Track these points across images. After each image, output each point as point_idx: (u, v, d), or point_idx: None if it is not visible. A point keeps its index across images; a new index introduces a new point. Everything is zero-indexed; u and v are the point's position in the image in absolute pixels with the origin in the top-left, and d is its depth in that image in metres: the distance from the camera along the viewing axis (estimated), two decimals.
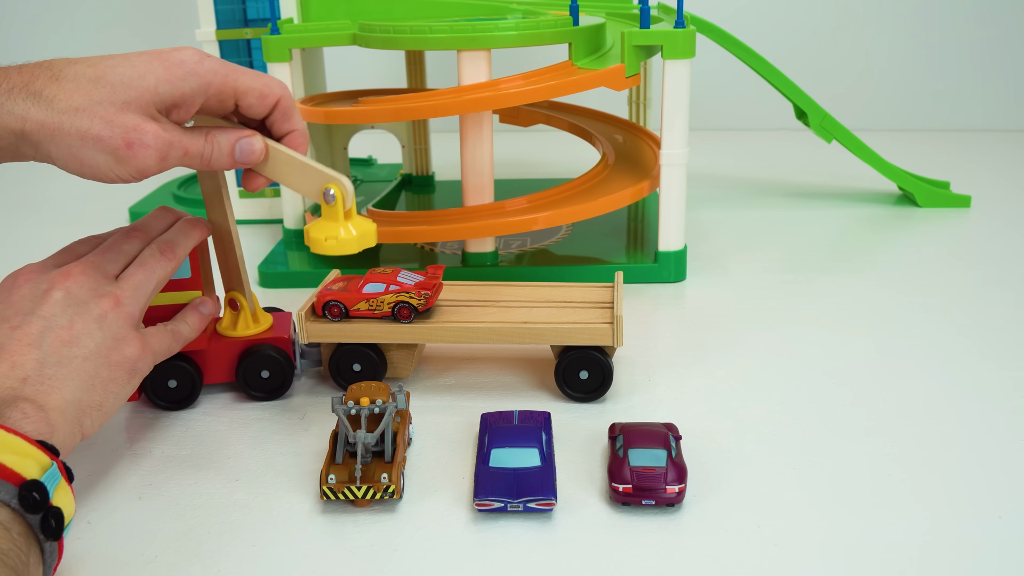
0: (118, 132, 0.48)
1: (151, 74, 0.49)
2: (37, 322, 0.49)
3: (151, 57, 0.50)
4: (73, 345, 0.49)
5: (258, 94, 0.53)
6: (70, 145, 0.47)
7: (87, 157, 0.48)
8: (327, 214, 0.54)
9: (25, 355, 0.47)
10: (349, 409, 0.52)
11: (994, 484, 0.52)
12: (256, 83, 0.53)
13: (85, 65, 0.48)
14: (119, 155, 0.48)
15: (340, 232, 0.54)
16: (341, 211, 0.54)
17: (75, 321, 0.50)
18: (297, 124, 0.56)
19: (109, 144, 0.48)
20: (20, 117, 0.47)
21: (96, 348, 0.50)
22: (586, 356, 0.62)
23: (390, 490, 0.50)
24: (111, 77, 0.48)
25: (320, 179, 0.54)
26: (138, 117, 0.49)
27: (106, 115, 0.47)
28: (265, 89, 0.53)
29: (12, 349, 0.47)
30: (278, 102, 0.54)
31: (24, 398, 0.45)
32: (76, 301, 0.51)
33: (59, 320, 0.50)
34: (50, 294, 0.51)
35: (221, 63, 0.52)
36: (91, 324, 0.50)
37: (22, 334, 0.48)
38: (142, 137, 0.48)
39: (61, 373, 0.48)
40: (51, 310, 0.50)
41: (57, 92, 0.47)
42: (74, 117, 0.47)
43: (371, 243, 0.55)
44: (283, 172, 0.55)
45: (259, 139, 0.54)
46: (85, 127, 0.47)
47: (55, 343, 0.49)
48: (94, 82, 0.48)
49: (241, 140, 0.54)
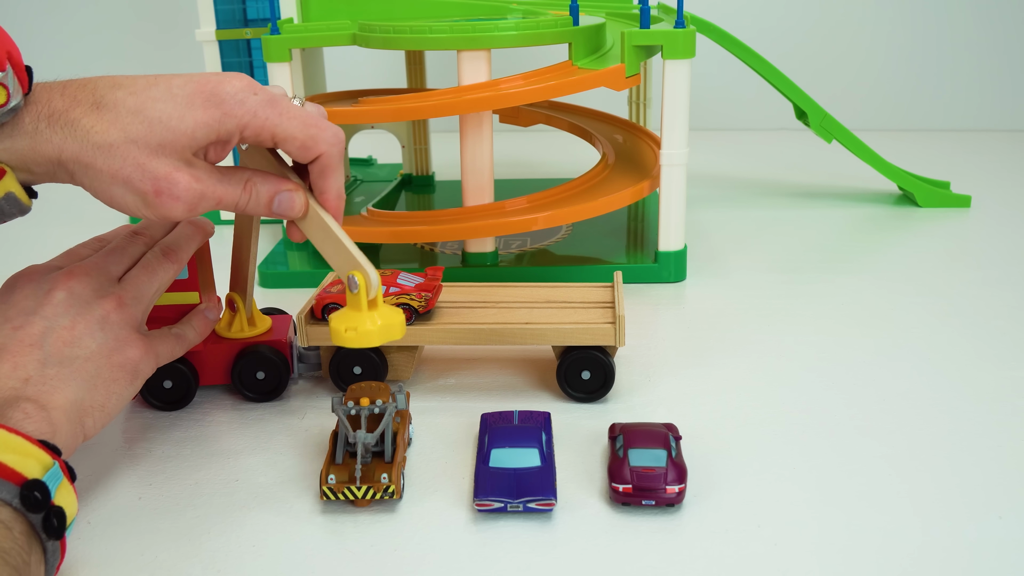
0: (148, 179, 0.46)
1: (190, 115, 0.46)
2: (39, 322, 0.49)
3: (194, 91, 0.47)
4: (75, 345, 0.49)
5: (299, 144, 0.49)
6: (101, 181, 0.46)
7: (116, 194, 0.47)
8: (351, 302, 0.51)
9: (27, 355, 0.47)
10: (349, 409, 0.52)
11: (994, 484, 0.52)
12: (299, 133, 0.49)
13: (127, 92, 0.46)
14: (147, 200, 0.47)
15: (362, 323, 0.50)
16: (364, 301, 0.51)
17: (77, 321, 0.50)
18: (333, 186, 0.52)
19: (138, 188, 0.46)
20: (57, 147, 0.45)
21: (98, 349, 0.50)
22: (588, 356, 0.62)
23: (390, 490, 0.50)
24: (151, 112, 0.46)
25: (347, 263, 0.51)
26: (171, 165, 0.46)
27: (138, 159, 0.46)
28: (309, 142, 0.49)
29: (14, 349, 0.47)
30: (319, 157, 0.50)
31: (26, 398, 0.45)
32: (78, 302, 0.51)
33: (61, 320, 0.50)
34: (52, 294, 0.50)
35: (267, 103, 0.48)
36: (93, 325, 0.50)
37: (24, 334, 0.48)
38: (172, 188, 0.46)
39: (63, 373, 0.48)
40: (53, 310, 0.50)
41: (94, 124, 0.45)
42: (107, 155, 0.46)
43: (396, 336, 0.51)
44: (316, 237, 0.52)
45: (301, 195, 0.51)
46: (116, 167, 0.46)
47: (57, 343, 0.49)
48: (133, 115, 0.46)
49: (282, 194, 0.51)
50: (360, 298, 0.50)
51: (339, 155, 0.51)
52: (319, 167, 0.51)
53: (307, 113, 0.50)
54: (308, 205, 0.52)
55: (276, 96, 0.49)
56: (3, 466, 0.39)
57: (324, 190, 0.52)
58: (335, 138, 0.50)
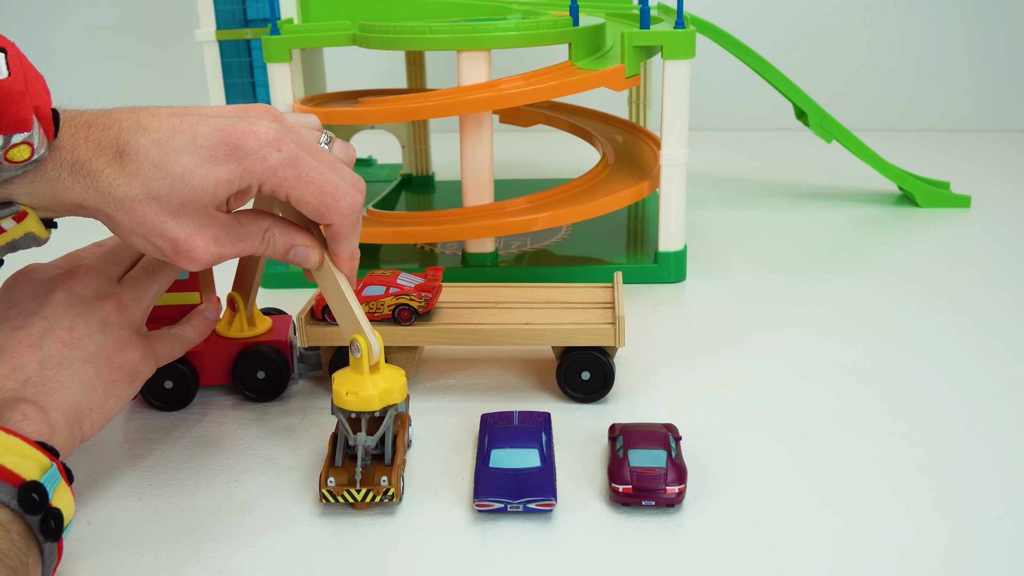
0: (168, 240, 0.46)
1: (212, 175, 0.45)
2: (39, 323, 0.49)
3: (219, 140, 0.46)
4: (74, 347, 0.49)
5: (311, 210, 0.49)
6: (121, 231, 0.46)
7: (136, 243, 0.47)
8: (353, 365, 0.52)
9: (26, 356, 0.47)
10: (349, 412, 0.52)
11: (993, 485, 0.52)
12: (314, 200, 0.48)
13: (151, 140, 0.45)
14: (164, 255, 0.47)
15: (363, 388, 0.51)
16: (366, 366, 0.51)
17: (77, 323, 0.50)
18: (344, 251, 0.51)
19: (156, 244, 0.46)
20: (79, 195, 0.45)
21: (97, 350, 0.50)
22: (588, 357, 0.62)
23: (389, 493, 0.50)
24: (173, 167, 0.45)
25: (351, 326, 0.51)
26: (191, 227, 0.46)
27: (159, 218, 0.45)
28: (322, 209, 0.48)
29: (13, 350, 0.47)
30: (332, 225, 0.50)
31: (25, 399, 0.45)
32: (79, 302, 0.51)
33: (61, 321, 0.50)
34: (53, 295, 0.51)
35: (289, 163, 0.47)
36: (93, 326, 0.50)
37: (24, 335, 0.48)
38: (191, 252, 0.46)
39: (62, 375, 0.48)
40: (53, 311, 0.50)
41: (116, 177, 0.44)
42: (128, 210, 0.45)
43: (397, 399, 0.52)
44: (327, 292, 0.52)
45: (317, 253, 0.51)
46: (135, 224, 0.45)
47: (56, 344, 0.49)
48: (155, 168, 0.45)
49: (298, 248, 0.51)
50: (362, 363, 0.51)
51: (353, 224, 0.51)
52: (331, 233, 0.51)
53: (326, 179, 0.48)
54: (324, 259, 0.52)
55: (299, 154, 0.47)
56: (1, 467, 0.39)
57: (336, 253, 0.52)
58: (349, 209, 0.49)
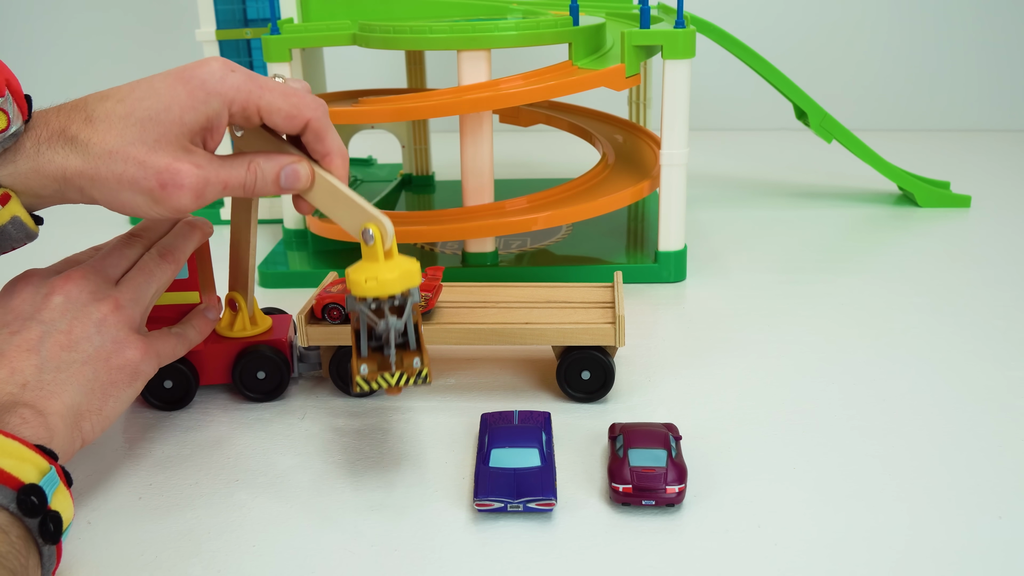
0: (151, 174, 0.47)
1: (176, 104, 0.47)
2: (36, 327, 0.49)
3: (174, 81, 0.48)
4: (72, 350, 0.49)
5: (284, 115, 0.50)
6: (108, 188, 0.48)
7: (126, 199, 0.48)
8: (367, 254, 0.51)
9: (24, 361, 0.47)
10: (370, 303, 0.51)
11: (993, 484, 0.52)
12: (283, 103, 0.50)
13: (115, 101, 0.48)
14: (155, 196, 0.48)
15: (381, 272, 0.50)
16: (380, 251, 0.51)
17: (74, 325, 0.50)
18: (332, 145, 0.53)
19: (144, 186, 0.47)
20: (60, 165, 0.47)
21: (95, 352, 0.50)
22: (588, 356, 0.62)
23: (423, 374, 0.50)
24: (139, 113, 0.47)
25: (360, 217, 0.51)
26: (170, 156, 0.47)
27: (138, 156, 0.47)
28: (292, 111, 0.50)
29: (11, 355, 0.47)
30: (308, 124, 0.51)
31: (23, 403, 0.45)
32: (75, 305, 0.51)
33: (58, 325, 0.50)
34: (50, 299, 0.50)
35: (247, 79, 0.49)
36: (90, 328, 0.50)
37: (21, 339, 0.48)
38: (176, 178, 0.47)
39: (60, 378, 0.48)
40: (50, 315, 0.50)
41: (91, 135, 0.47)
42: (109, 161, 0.47)
43: (415, 282, 0.51)
44: (325, 202, 0.53)
45: (305, 166, 0.52)
46: (120, 171, 0.47)
47: (54, 348, 0.49)
48: (124, 120, 0.47)
49: (286, 168, 0.51)
50: (376, 249, 0.50)
51: (327, 119, 0.52)
52: (312, 133, 0.52)
53: (286, 86, 0.51)
54: (314, 174, 0.52)
55: (252, 72, 0.50)
56: (0, 471, 0.39)
57: (325, 152, 0.52)
58: (316, 102, 0.51)
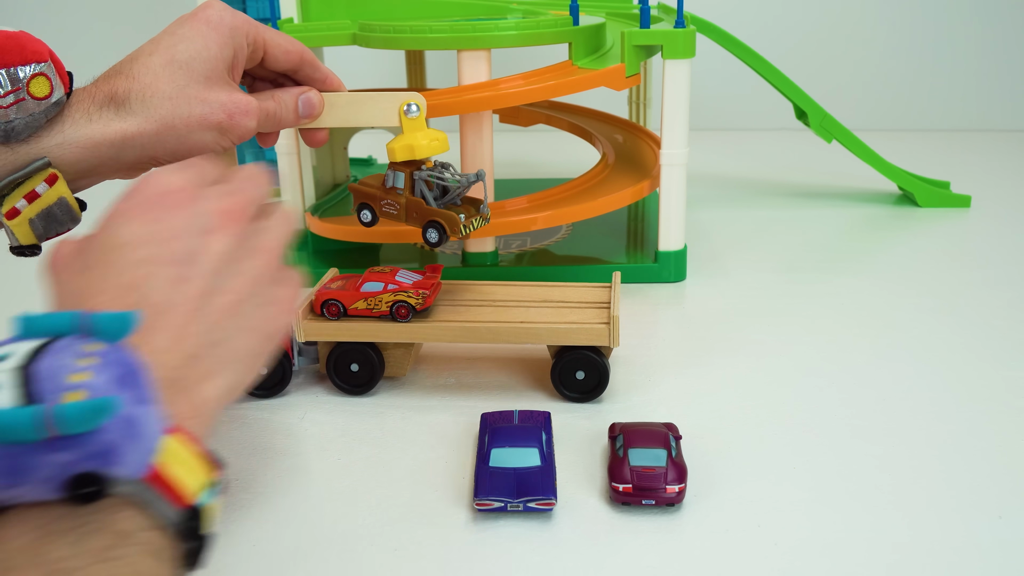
0: (217, 108, 0.49)
1: (210, 43, 0.49)
2: (200, 277, 0.35)
3: (195, 23, 0.50)
4: (237, 317, 0.36)
5: (283, 49, 0.54)
6: (177, 135, 0.48)
7: (196, 140, 0.49)
8: (410, 127, 0.59)
9: (191, 324, 0.34)
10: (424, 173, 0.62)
11: (993, 484, 0.52)
12: (280, 38, 0.54)
13: (147, 55, 0.48)
14: (223, 128, 0.49)
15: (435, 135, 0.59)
16: (424, 120, 0.58)
17: (240, 285, 0.37)
18: (326, 69, 0.58)
19: (212, 121, 0.49)
20: (118, 128, 0.46)
21: (253, 323, 0.37)
22: (582, 356, 0.62)
23: (488, 215, 0.63)
24: (180, 57, 0.48)
25: (394, 100, 0.58)
26: (224, 89, 0.50)
27: (199, 95, 0.48)
28: (288, 44, 0.55)
29: (177, 314, 0.34)
30: (302, 56, 0.56)
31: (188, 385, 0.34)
32: (236, 258, 0.37)
33: (226, 281, 0.36)
34: (212, 240, 0.36)
35: (245, 16, 0.52)
36: (249, 291, 0.37)
37: (188, 291, 0.35)
38: (239, 106, 0.50)
39: (219, 354, 0.35)
40: (217, 263, 0.36)
41: (143, 90, 0.47)
42: (172, 107, 0.48)
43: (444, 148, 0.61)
44: (349, 113, 0.58)
45: (315, 92, 0.57)
46: (186, 113, 0.48)
47: (216, 313, 0.35)
48: (167, 67, 0.48)
49: (301, 96, 0.56)
50: (421, 119, 0.59)
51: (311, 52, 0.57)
52: (307, 64, 0.56)
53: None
54: (323, 100, 0.57)
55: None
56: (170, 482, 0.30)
57: (324, 77, 0.57)
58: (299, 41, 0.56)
